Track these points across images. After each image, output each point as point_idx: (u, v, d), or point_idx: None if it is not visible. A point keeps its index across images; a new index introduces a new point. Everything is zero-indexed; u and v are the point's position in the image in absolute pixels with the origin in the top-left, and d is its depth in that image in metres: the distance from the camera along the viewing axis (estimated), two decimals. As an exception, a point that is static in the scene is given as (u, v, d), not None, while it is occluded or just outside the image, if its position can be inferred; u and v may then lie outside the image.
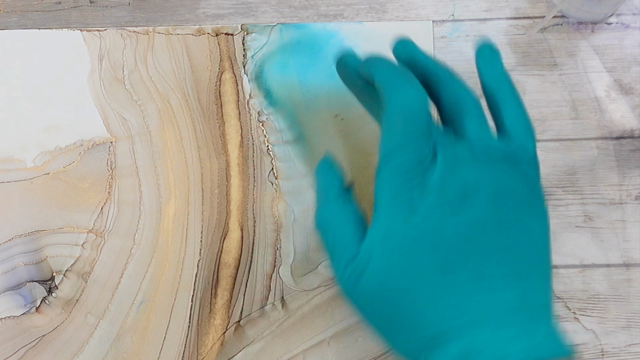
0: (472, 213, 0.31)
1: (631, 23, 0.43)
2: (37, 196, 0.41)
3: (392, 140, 0.33)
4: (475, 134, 0.33)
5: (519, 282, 0.31)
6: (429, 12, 0.43)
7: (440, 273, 0.31)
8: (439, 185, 0.32)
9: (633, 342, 0.40)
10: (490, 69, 0.35)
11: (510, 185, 0.32)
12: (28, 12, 0.42)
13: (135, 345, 0.40)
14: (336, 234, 0.33)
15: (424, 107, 0.32)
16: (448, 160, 0.32)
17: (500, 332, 0.30)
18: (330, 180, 0.35)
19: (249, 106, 0.41)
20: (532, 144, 0.34)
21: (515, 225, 0.32)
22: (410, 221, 0.31)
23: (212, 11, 0.42)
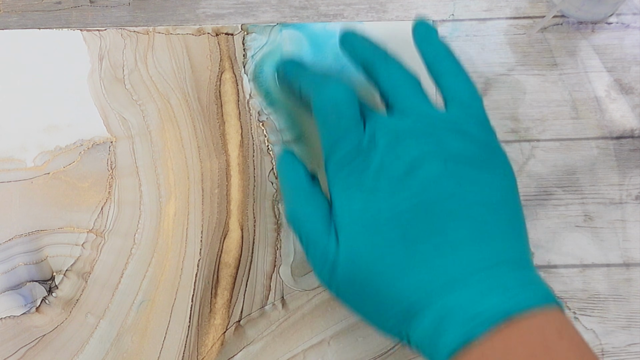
0: (422, 182, 0.31)
1: (631, 23, 0.43)
2: (37, 196, 0.41)
3: (325, 137, 0.33)
4: (415, 108, 0.33)
5: (486, 242, 0.31)
6: (429, 12, 0.43)
7: (402, 247, 0.31)
8: (383, 165, 0.32)
9: (633, 342, 0.40)
10: (427, 44, 0.35)
11: (459, 149, 0.32)
12: (28, 12, 0.42)
13: (135, 345, 0.40)
14: (307, 231, 0.33)
15: (345, 98, 0.33)
16: (388, 139, 0.32)
17: (470, 290, 0.30)
18: (294, 174, 0.35)
19: (249, 106, 0.41)
20: (478, 105, 0.34)
21: (471, 187, 0.31)
22: (364, 205, 0.32)
23: (212, 11, 0.42)
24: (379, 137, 0.33)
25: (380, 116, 0.34)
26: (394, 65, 0.35)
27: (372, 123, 0.33)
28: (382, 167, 0.32)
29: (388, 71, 0.35)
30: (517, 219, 0.33)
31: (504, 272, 0.30)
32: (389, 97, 0.35)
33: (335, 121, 0.33)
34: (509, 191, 0.33)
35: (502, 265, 0.30)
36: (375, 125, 0.33)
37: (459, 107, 0.34)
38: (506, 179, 0.33)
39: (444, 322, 0.29)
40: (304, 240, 0.34)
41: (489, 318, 0.29)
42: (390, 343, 0.40)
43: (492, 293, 0.29)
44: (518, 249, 0.32)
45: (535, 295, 0.30)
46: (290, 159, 0.36)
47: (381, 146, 0.32)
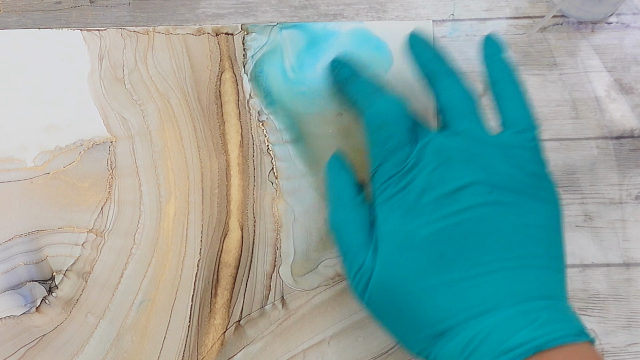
0: (465, 205, 0.31)
1: (631, 23, 0.43)
2: (37, 196, 0.41)
3: (374, 150, 0.33)
4: (468, 129, 0.33)
5: (524, 272, 0.31)
6: (429, 12, 0.43)
7: (438, 269, 0.31)
8: (428, 183, 0.32)
9: (633, 342, 0.40)
10: (494, 61, 0.35)
11: (507, 176, 0.32)
12: (28, 12, 0.42)
13: (135, 345, 0.40)
14: (347, 241, 0.34)
15: (397, 113, 0.33)
16: (436, 158, 0.32)
17: (503, 321, 0.29)
18: (342, 181, 0.35)
19: (249, 106, 0.41)
20: (534, 135, 0.34)
21: (514, 214, 0.31)
22: (404, 222, 0.32)
23: (212, 11, 0.42)
24: (427, 154, 0.32)
25: (432, 133, 0.34)
26: (455, 82, 0.35)
27: (423, 139, 0.33)
28: (426, 185, 0.32)
29: (449, 87, 0.34)
30: (557, 251, 0.32)
31: (538, 305, 0.30)
32: (445, 114, 0.34)
33: (385, 137, 0.33)
34: (553, 223, 0.32)
35: (537, 298, 0.30)
36: (425, 141, 0.33)
37: (515, 133, 0.33)
38: (551, 210, 0.33)
39: (474, 350, 0.29)
40: (343, 249, 0.34)
41: (522, 351, 0.29)
42: (390, 343, 0.40)
43: (526, 326, 0.29)
44: (555, 283, 0.31)
45: (567, 331, 0.29)
46: (339, 164, 0.36)
47: (428, 165, 0.32)
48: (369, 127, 0.33)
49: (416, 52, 0.36)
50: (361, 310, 0.40)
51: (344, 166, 0.36)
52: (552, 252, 0.32)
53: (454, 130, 0.33)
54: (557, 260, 0.32)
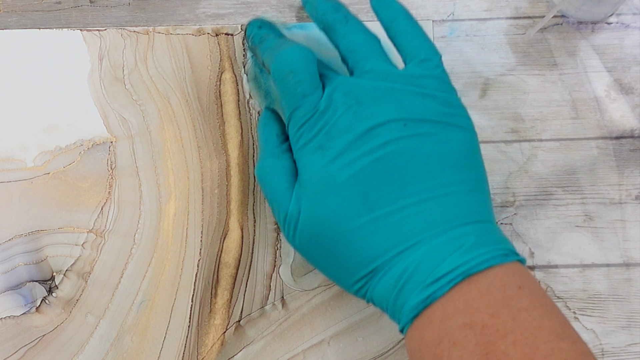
0: (381, 142, 0.31)
1: (631, 23, 0.43)
2: (37, 196, 0.41)
3: (284, 100, 0.34)
4: (374, 67, 0.34)
5: (447, 200, 0.31)
6: (429, 12, 0.43)
7: (363, 208, 0.31)
8: (342, 125, 0.32)
9: (633, 342, 0.40)
10: (383, 6, 0.36)
11: (419, 108, 0.32)
12: (28, 12, 0.42)
13: (135, 345, 0.40)
14: (272, 189, 0.34)
15: (302, 61, 0.33)
16: (346, 100, 0.32)
17: (431, 250, 0.30)
18: (267, 132, 0.36)
19: (249, 106, 0.41)
20: (437, 62, 0.34)
21: (431, 145, 0.32)
22: (323, 166, 0.32)
23: (212, 11, 0.42)
24: (337, 97, 0.33)
25: (339, 76, 0.34)
26: (353, 27, 0.35)
27: (331, 84, 0.33)
28: (341, 128, 0.32)
29: (347, 32, 0.35)
30: (478, 175, 0.33)
31: (465, 231, 0.31)
32: (348, 59, 0.35)
33: (293, 83, 0.33)
34: (470, 147, 0.33)
35: (464, 224, 0.31)
36: (333, 86, 0.33)
37: (418, 64, 0.34)
38: (466, 135, 0.33)
39: (405, 283, 0.30)
40: (269, 198, 0.35)
41: (450, 278, 0.29)
42: (390, 343, 0.40)
43: (453, 253, 0.30)
44: (479, 206, 0.32)
45: (496, 253, 0.30)
46: (267, 117, 0.37)
47: (340, 107, 0.32)
48: (277, 76, 0.34)
49: (310, 8, 0.37)
50: (361, 310, 0.40)
51: (271, 118, 0.36)
52: (473, 176, 0.32)
53: (360, 70, 0.34)
54: (479, 183, 0.32)
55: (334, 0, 0.37)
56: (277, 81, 0.34)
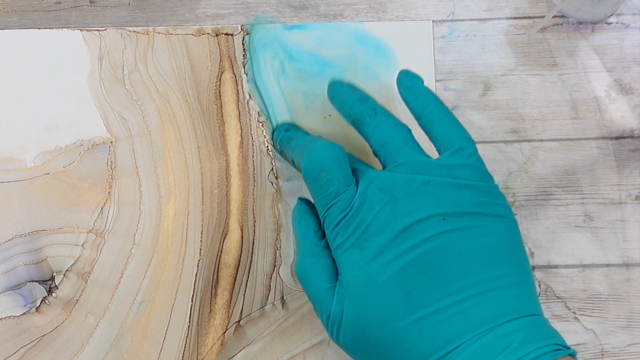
0: (420, 239, 0.31)
1: (631, 23, 0.43)
2: (37, 196, 0.41)
3: (317, 200, 0.33)
4: (407, 160, 0.33)
5: (492, 295, 0.30)
6: (429, 12, 0.43)
7: (406, 308, 0.30)
8: (379, 223, 0.31)
9: (633, 342, 0.40)
10: (413, 94, 0.35)
11: (456, 200, 0.31)
12: (28, 12, 0.42)
13: (135, 345, 0.40)
14: (313, 289, 0.33)
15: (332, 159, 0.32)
16: (381, 196, 0.32)
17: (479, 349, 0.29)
18: (304, 228, 0.35)
19: (249, 106, 0.41)
20: (472, 150, 0.33)
21: (471, 237, 0.31)
22: (363, 266, 0.31)
23: (212, 11, 0.42)
24: (371, 194, 0.32)
25: (372, 171, 0.33)
26: (383, 118, 0.34)
27: (364, 180, 0.33)
28: (378, 226, 0.31)
29: (377, 125, 0.34)
30: (522, 265, 0.32)
31: (512, 327, 0.30)
32: (380, 152, 0.34)
33: (325, 182, 0.32)
34: (512, 238, 0.32)
35: (511, 320, 0.30)
36: (367, 181, 0.32)
37: (453, 154, 0.33)
38: (507, 225, 0.32)
39: None
40: (311, 298, 0.34)
41: None
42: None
43: (502, 352, 0.29)
44: (525, 300, 0.31)
45: (546, 349, 0.29)
46: (302, 211, 0.35)
47: (375, 205, 0.32)
48: (308, 176, 0.33)
49: (338, 102, 0.36)
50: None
51: (306, 212, 0.35)
52: (517, 268, 0.31)
53: (393, 166, 0.33)
54: (524, 275, 0.32)
55: (361, 92, 0.36)
56: (308, 180, 0.33)
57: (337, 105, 0.36)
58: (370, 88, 0.41)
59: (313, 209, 0.35)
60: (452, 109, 0.42)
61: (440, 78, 0.42)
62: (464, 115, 0.42)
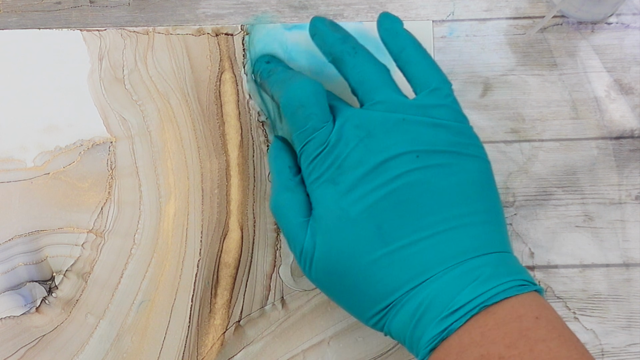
0: (393, 175, 0.31)
1: (631, 23, 0.43)
2: (37, 196, 0.41)
3: (295, 134, 0.34)
4: (384, 99, 0.33)
5: (462, 231, 0.31)
6: (429, 12, 0.43)
7: (378, 242, 0.31)
8: (354, 158, 0.32)
9: (633, 342, 0.40)
10: (392, 36, 0.35)
11: (431, 138, 0.32)
12: (28, 12, 0.42)
13: (135, 345, 0.40)
14: (287, 223, 0.34)
15: (311, 94, 0.33)
16: (358, 132, 0.32)
17: (447, 283, 0.30)
18: (279, 164, 0.35)
19: (249, 106, 0.41)
20: (448, 91, 0.34)
21: (444, 176, 0.31)
22: (336, 200, 0.32)
23: (212, 11, 0.42)
24: (348, 130, 0.33)
25: (349, 108, 0.34)
26: (362, 57, 0.35)
27: (341, 116, 0.33)
28: (353, 161, 0.32)
29: (357, 64, 0.34)
30: (493, 204, 0.32)
31: (481, 262, 0.30)
32: (358, 90, 0.34)
33: (303, 117, 0.33)
34: (484, 177, 0.33)
35: (480, 255, 0.31)
36: (343, 118, 0.33)
37: (429, 94, 0.33)
38: (480, 164, 0.33)
39: (422, 316, 0.30)
40: (284, 231, 0.34)
41: (466, 310, 0.29)
42: (390, 343, 0.40)
43: (469, 285, 0.29)
44: (495, 237, 0.32)
45: (512, 284, 0.30)
46: (278, 148, 0.36)
47: (351, 140, 0.32)
48: (287, 111, 0.34)
49: (318, 39, 0.36)
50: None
51: (282, 149, 0.36)
52: (489, 206, 0.32)
53: (370, 103, 0.34)
54: (494, 213, 0.32)
55: (343, 31, 0.36)
56: (287, 115, 0.34)
57: (318, 43, 0.36)
58: None
59: (288, 146, 0.36)
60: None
61: (440, 78, 0.42)
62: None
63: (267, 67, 0.39)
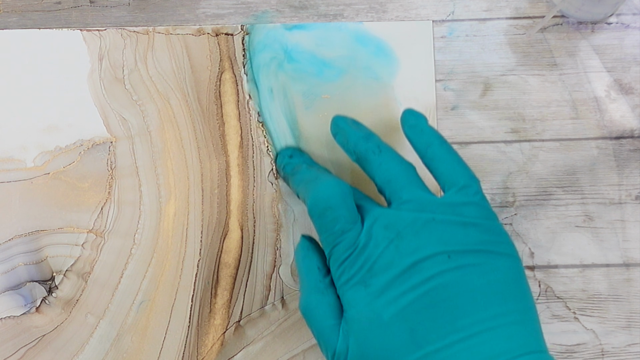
0: (425, 276, 0.31)
1: (631, 23, 0.43)
2: (37, 196, 0.41)
3: (323, 237, 0.33)
4: (412, 198, 0.33)
5: (497, 332, 0.30)
6: (429, 12, 0.43)
7: (412, 345, 0.30)
8: (384, 260, 0.31)
9: (633, 342, 0.40)
10: (417, 133, 0.35)
11: (461, 238, 0.32)
12: (28, 12, 0.42)
13: (135, 345, 0.40)
14: (318, 326, 0.33)
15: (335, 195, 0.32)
16: (387, 233, 0.32)
17: None
18: (308, 266, 0.35)
19: (249, 106, 0.41)
20: (476, 189, 0.33)
21: (476, 274, 0.31)
22: (368, 303, 0.31)
23: (212, 11, 0.42)
24: (377, 231, 0.32)
25: (377, 208, 0.33)
26: (387, 156, 0.34)
27: (370, 217, 0.33)
28: (383, 263, 0.31)
29: (382, 162, 0.34)
30: (526, 302, 0.32)
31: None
32: (385, 189, 0.34)
33: (330, 220, 0.33)
34: (516, 275, 0.32)
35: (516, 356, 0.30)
36: (372, 219, 0.33)
37: (458, 192, 0.33)
38: (511, 262, 0.32)
39: None
40: (316, 334, 0.34)
41: None
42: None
43: None
44: (530, 336, 0.31)
45: None
46: (306, 248, 0.35)
47: (381, 242, 0.32)
48: (313, 213, 0.33)
49: (341, 138, 0.36)
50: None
51: (310, 249, 0.35)
52: (522, 305, 0.31)
53: (398, 203, 0.33)
54: (528, 312, 0.32)
55: (365, 129, 0.36)
56: (314, 217, 0.33)
57: (341, 142, 0.36)
58: (371, 88, 0.41)
59: (316, 246, 0.35)
60: (452, 109, 0.42)
61: (440, 78, 0.42)
62: (464, 115, 0.42)
63: (290, 162, 0.39)
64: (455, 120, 0.42)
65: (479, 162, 0.41)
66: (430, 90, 0.41)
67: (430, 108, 0.41)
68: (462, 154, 0.41)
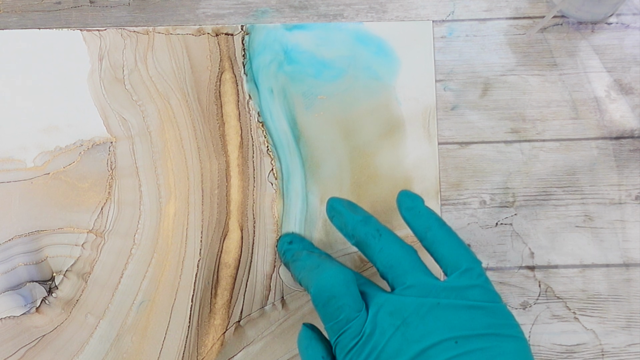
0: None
1: (631, 23, 0.43)
2: (37, 196, 0.41)
3: (328, 326, 0.33)
4: (415, 282, 0.33)
5: None
6: (429, 12, 0.43)
7: None
8: (391, 349, 0.31)
9: (633, 342, 0.40)
10: (415, 215, 0.35)
11: (467, 323, 0.31)
12: (28, 12, 0.42)
13: (135, 345, 0.40)
14: None
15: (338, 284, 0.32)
16: (392, 320, 0.32)
17: None
18: (313, 356, 0.34)
19: (249, 107, 0.41)
20: (479, 271, 0.33)
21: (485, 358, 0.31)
22: None
23: (212, 11, 0.42)
24: (382, 318, 0.32)
25: (381, 294, 0.33)
26: (388, 240, 0.34)
27: (374, 304, 0.33)
28: (391, 351, 0.31)
29: (383, 247, 0.34)
30: None
31: None
32: (387, 274, 0.34)
33: (334, 310, 0.32)
34: (523, 356, 0.32)
35: None
36: (377, 306, 0.32)
37: (461, 275, 0.33)
38: (518, 344, 0.32)
39: None
40: None
41: None
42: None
43: None
44: None
45: None
46: (309, 337, 0.35)
47: (387, 330, 0.32)
48: (317, 302, 0.33)
49: (338, 222, 0.36)
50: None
51: (313, 338, 0.35)
52: None
53: (402, 288, 0.33)
54: None
55: (362, 212, 0.36)
56: (318, 306, 0.33)
57: (338, 225, 0.36)
58: (371, 88, 0.41)
59: (319, 334, 0.35)
60: (452, 109, 0.42)
61: (440, 78, 0.42)
62: (464, 115, 0.42)
63: (290, 249, 0.39)
64: (455, 120, 0.42)
65: (479, 162, 0.41)
66: (430, 91, 0.41)
67: (430, 108, 0.41)
68: (462, 153, 0.41)
